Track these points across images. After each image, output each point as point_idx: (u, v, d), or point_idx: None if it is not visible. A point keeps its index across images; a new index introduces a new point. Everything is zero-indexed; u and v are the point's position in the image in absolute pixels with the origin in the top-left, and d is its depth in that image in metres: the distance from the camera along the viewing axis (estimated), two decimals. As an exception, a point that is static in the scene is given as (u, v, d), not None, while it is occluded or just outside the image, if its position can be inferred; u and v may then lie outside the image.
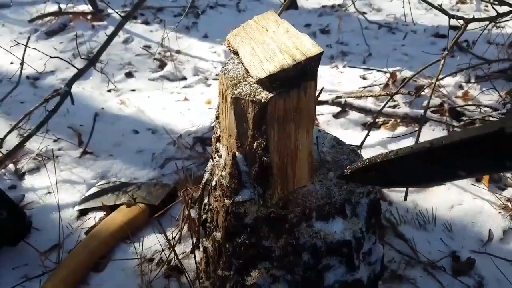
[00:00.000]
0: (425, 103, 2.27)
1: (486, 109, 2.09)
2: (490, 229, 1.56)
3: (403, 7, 2.88)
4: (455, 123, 2.07)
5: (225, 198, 1.03)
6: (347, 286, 1.06)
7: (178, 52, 3.15)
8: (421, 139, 2.06)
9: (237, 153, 0.99)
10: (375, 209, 1.10)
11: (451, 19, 1.62)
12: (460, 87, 2.49)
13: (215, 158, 1.13)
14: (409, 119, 2.13)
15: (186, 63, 2.98)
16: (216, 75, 2.87)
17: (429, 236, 1.55)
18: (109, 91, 2.71)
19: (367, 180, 0.93)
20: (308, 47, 0.91)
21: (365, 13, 3.78)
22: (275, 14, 1.10)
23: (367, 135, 1.80)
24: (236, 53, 1.03)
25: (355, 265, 1.06)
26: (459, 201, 1.70)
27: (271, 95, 0.91)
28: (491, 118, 1.96)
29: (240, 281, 1.08)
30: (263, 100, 0.91)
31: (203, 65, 3.00)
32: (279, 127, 0.95)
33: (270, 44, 0.98)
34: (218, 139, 1.12)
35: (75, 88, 2.27)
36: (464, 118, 2.04)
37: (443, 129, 2.09)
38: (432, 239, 1.54)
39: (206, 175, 1.23)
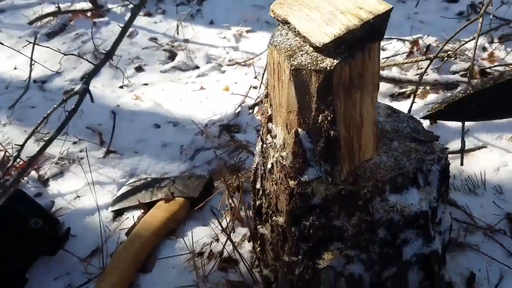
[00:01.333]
0: (453, 68, 2.19)
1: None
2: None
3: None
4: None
5: (289, 180, 0.96)
6: (424, 258, 1.00)
7: (186, 41, 3.05)
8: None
9: (299, 130, 0.92)
10: (445, 176, 1.03)
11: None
12: (484, 49, 2.40)
13: (267, 139, 1.06)
14: (439, 85, 2.05)
15: (196, 52, 2.88)
16: (230, 60, 2.78)
17: (481, 200, 1.49)
18: (121, 87, 2.63)
19: (450, 116, 0.98)
20: (373, 4, 0.83)
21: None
22: (321, -22, 1.01)
23: (413, 102, 1.74)
24: (285, 22, 0.96)
25: (431, 236, 1.00)
26: (504, 162, 1.64)
27: (336, 61, 0.84)
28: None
29: (310, 265, 1.01)
30: (328, 68, 0.83)
31: (214, 52, 2.91)
32: (345, 96, 0.88)
33: (327, 8, 0.90)
34: (269, 119, 1.05)
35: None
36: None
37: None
38: (484, 203, 1.48)
39: (257, 159, 1.16)
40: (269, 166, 1.05)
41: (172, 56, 2.93)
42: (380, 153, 1.00)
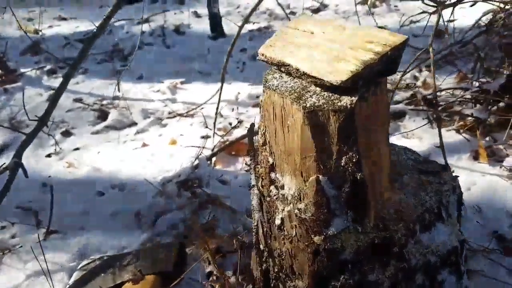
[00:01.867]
0: (396, 98, 2.28)
1: (456, 92, 2.14)
2: (518, 202, 1.54)
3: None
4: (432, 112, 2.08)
5: (313, 235, 0.84)
6: (460, 299, 0.93)
7: (116, 98, 2.85)
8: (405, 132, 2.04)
9: (320, 177, 0.81)
10: (461, 205, 0.98)
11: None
12: (416, 78, 2.55)
13: (270, 191, 0.94)
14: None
15: (131, 108, 2.69)
16: (169, 113, 2.63)
17: (466, 223, 1.49)
18: (49, 155, 2.33)
19: None
20: (385, 36, 0.78)
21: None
22: (310, 16, 0.96)
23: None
24: (281, 64, 0.87)
25: (462, 272, 0.93)
26: (472, 182, 1.68)
27: (355, 98, 0.76)
28: (467, 96, 2.00)
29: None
30: (349, 106, 0.75)
31: (150, 106, 2.74)
32: (366, 135, 0.80)
33: (330, 45, 0.83)
34: (271, 169, 0.94)
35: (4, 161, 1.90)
36: (441, 103, 2.05)
37: (423, 118, 2.10)
38: (470, 225, 1.48)
39: (256, 215, 1.02)
40: (277, 222, 0.92)
41: (103, 115, 2.71)
42: (396, 191, 0.93)
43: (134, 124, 2.57)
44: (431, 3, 1.70)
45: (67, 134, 2.55)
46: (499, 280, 1.25)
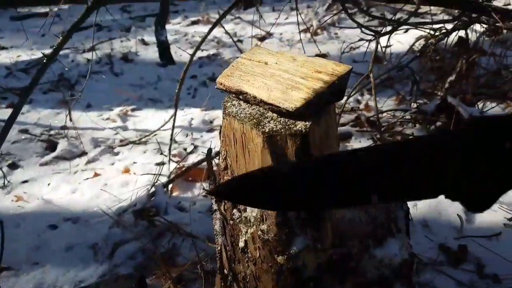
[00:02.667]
0: (341, 121, 2.40)
1: (397, 113, 2.29)
2: (458, 215, 1.67)
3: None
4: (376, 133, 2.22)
5: (276, 255, 0.88)
6: (411, 308, 1.00)
7: (64, 128, 2.78)
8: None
9: (281, 199, 0.86)
10: (408, 220, 1.06)
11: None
12: (358, 101, 2.71)
13: (233, 215, 0.98)
14: (337, 137, 2.21)
15: (80, 137, 2.63)
16: (121, 141, 2.60)
17: (414, 237, 1.58)
18: (-6, 190, 2.23)
19: (244, 198, 0.69)
20: (332, 67, 0.86)
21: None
22: (262, 48, 1.02)
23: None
24: (239, 92, 0.92)
25: (413, 284, 1.00)
26: (418, 198, 1.80)
27: (308, 123, 0.83)
28: (407, 117, 2.15)
29: None
30: (304, 130, 0.81)
31: (100, 135, 2.70)
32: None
33: (283, 75, 0.90)
34: (233, 194, 0.97)
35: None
36: (383, 124, 2.20)
37: (368, 139, 2.23)
38: (419, 238, 1.57)
39: (219, 240, 1.05)
40: (241, 244, 0.96)
41: (51, 146, 2.63)
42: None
43: (84, 153, 2.51)
44: (369, 32, 1.84)
45: (14, 166, 2.45)
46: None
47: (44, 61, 1.79)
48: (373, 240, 0.93)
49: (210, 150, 1.35)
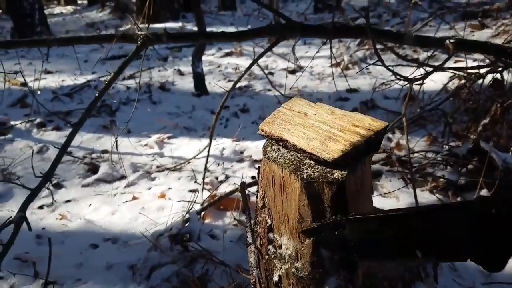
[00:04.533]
0: (372, 158, 2.47)
1: (429, 154, 2.34)
2: (485, 259, 1.69)
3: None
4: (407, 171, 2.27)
5: (308, 291, 0.96)
6: None
7: (105, 152, 2.95)
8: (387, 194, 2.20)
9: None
10: (436, 265, 1.12)
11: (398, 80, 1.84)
12: (389, 139, 2.77)
13: (269, 250, 1.06)
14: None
15: (120, 162, 2.79)
16: (158, 167, 2.74)
17: (442, 280, 1.62)
18: (41, 207, 2.39)
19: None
20: (369, 122, 0.95)
21: (270, 89, 4.07)
22: (302, 99, 1.13)
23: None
24: (279, 139, 1.03)
25: (437, 326, 1.05)
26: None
27: (345, 172, 0.91)
28: (438, 158, 2.20)
29: None
30: (340, 179, 0.90)
31: (139, 160, 2.85)
32: (355, 203, 0.95)
33: (321, 126, 0.99)
34: (270, 229, 1.06)
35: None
36: (415, 165, 2.25)
37: (398, 178, 2.28)
38: (447, 282, 1.61)
39: (254, 272, 1.13)
40: (275, 279, 1.04)
41: (93, 168, 2.80)
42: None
43: (123, 177, 2.66)
44: (402, 79, 1.92)
45: (58, 186, 2.62)
46: None
47: (96, 95, 1.95)
48: (402, 283, 0.99)
49: (243, 183, 1.45)
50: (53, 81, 4.77)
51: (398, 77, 1.91)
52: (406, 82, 2.01)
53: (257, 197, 1.16)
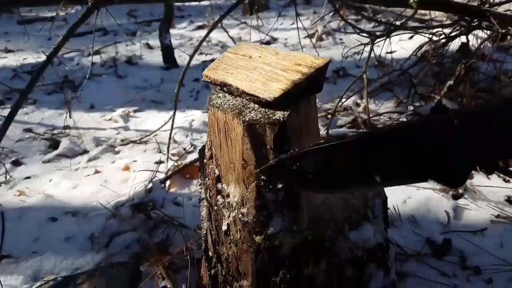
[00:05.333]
0: (339, 122, 2.46)
1: (394, 116, 2.35)
2: (446, 211, 1.71)
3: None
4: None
5: (254, 236, 0.93)
6: (388, 291, 1.05)
7: (67, 127, 2.86)
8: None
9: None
10: (386, 208, 1.12)
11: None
12: (358, 104, 2.76)
13: (217, 201, 1.04)
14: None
15: (82, 137, 2.71)
16: (122, 140, 2.67)
17: (401, 231, 1.64)
18: (-1, 184, 2.30)
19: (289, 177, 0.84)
20: (311, 60, 0.92)
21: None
22: (247, 44, 1.09)
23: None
24: (224, 85, 0.99)
25: (388, 267, 1.05)
26: (407, 195, 1.84)
27: (287, 113, 0.88)
28: (403, 119, 2.21)
29: (286, 325, 0.97)
30: (281, 119, 0.87)
31: (102, 134, 2.77)
32: (298, 143, 0.92)
33: (265, 67, 0.96)
34: (218, 180, 1.03)
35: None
36: (379, 126, 2.25)
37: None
38: (406, 233, 1.62)
39: (205, 225, 1.11)
40: (224, 228, 1.01)
41: (54, 144, 2.71)
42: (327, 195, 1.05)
43: (85, 152, 2.59)
44: (365, 35, 1.90)
45: (17, 163, 2.53)
46: (431, 280, 1.39)
47: (44, 59, 1.86)
48: (348, 224, 0.98)
49: (203, 147, 1.41)
50: (14, 59, 4.58)
51: (360, 33, 1.89)
52: (368, 40, 1.99)
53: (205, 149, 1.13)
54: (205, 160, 1.12)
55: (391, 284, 1.05)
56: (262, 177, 0.90)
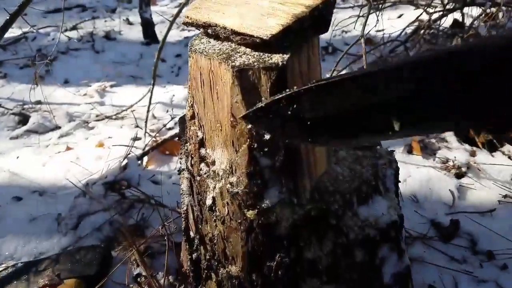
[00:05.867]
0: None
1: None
2: (450, 190, 1.57)
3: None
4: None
5: (246, 210, 0.76)
6: (401, 277, 0.89)
7: (39, 102, 2.63)
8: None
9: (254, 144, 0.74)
10: (397, 179, 0.96)
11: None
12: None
13: (200, 170, 0.86)
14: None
15: (54, 111, 2.49)
16: (97, 116, 2.46)
17: (404, 212, 1.48)
18: (-42, 161, 2.08)
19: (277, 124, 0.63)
20: (315, -10, 0.74)
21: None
22: (237, -22, 0.90)
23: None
24: (208, 25, 0.80)
25: (402, 250, 0.89)
26: (407, 173, 1.69)
27: (286, 56, 0.71)
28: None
29: (283, 318, 0.81)
30: (280, 63, 0.69)
31: (76, 109, 2.55)
32: (299, 98, 0.74)
33: (259, 2, 0.77)
34: (201, 144, 0.85)
35: None
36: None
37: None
38: (408, 214, 1.47)
39: (186, 200, 0.93)
40: (208, 202, 0.84)
41: (23, 120, 2.48)
42: (331, 165, 0.89)
43: (57, 128, 2.37)
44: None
45: (-19, 139, 2.30)
46: (439, 265, 1.25)
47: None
48: (357, 197, 0.82)
49: (185, 115, 1.23)
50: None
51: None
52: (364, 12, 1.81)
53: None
54: (185, 126, 0.95)
55: (405, 269, 0.90)
56: (255, 136, 0.73)
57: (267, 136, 0.69)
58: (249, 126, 0.71)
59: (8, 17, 1.65)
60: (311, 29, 0.73)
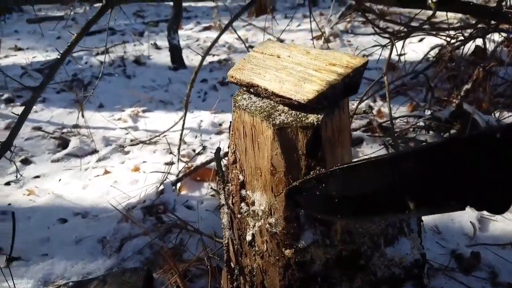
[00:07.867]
0: (353, 126, 2.39)
1: (411, 119, 2.27)
2: (471, 222, 1.64)
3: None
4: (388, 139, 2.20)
5: (283, 249, 0.87)
6: (423, 310, 0.97)
7: (77, 126, 2.81)
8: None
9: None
10: (420, 220, 1.05)
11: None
12: (370, 107, 2.69)
13: (241, 208, 0.97)
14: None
15: (92, 136, 2.65)
16: (131, 140, 2.61)
17: (425, 243, 1.56)
18: (8, 184, 2.25)
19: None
20: (347, 59, 0.85)
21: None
22: (275, 41, 1.02)
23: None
24: (250, 85, 0.92)
25: (425, 285, 0.98)
26: (429, 204, 1.76)
27: (321, 116, 0.82)
28: (420, 123, 2.13)
29: None
30: (315, 123, 0.81)
31: (111, 134, 2.72)
32: (331, 151, 0.85)
33: (296, 67, 0.89)
34: (242, 186, 0.97)
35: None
36: (396, 130, 2.17)
37: (380, 144, 2.20)
38: (430, 245, 1.55)
39: (227, 233, 1.04)
40: (248, 238, 0.95)
41: (63, 143, 2.66)
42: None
43: (95, 152, 2.53)
44: (386, 35, 1.83)
45: (26, 162, 2.48)
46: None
47: (58, 56, 1.80)
48: (384, 238, 0.91)
49: (218, 149, 1.34)
50: (24, 57, 4.54)
51: (381, 34, 1.81)
52: (388, 42, 1.91)
53: (225, 155, 1.06)
54: (224, 162, 1.06)
55: (426, 302, 0.98)
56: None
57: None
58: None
59: (59, 55, 1.83)
60: (342, 94, 0.84)
